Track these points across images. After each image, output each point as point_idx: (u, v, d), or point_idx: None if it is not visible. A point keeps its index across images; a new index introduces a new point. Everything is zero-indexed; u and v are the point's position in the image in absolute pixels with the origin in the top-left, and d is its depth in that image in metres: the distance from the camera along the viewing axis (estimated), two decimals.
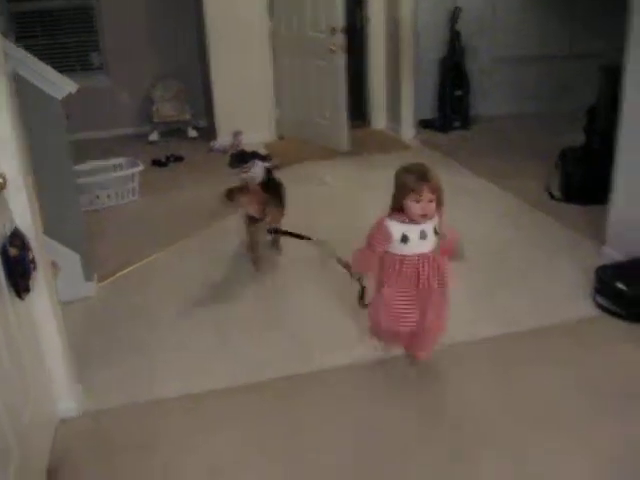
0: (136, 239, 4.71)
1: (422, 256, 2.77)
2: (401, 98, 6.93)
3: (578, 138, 5.26)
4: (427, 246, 2.77)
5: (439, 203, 2.71)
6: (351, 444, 2.63)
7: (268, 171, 4.42)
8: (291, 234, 3.98)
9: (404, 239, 2.73)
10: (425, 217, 2.70)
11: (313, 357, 3.20)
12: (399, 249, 2.77)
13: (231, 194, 3.75)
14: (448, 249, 2.84)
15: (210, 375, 3.10)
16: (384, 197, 2.82)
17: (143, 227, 4.97)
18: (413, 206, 2.67)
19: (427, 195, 2.64)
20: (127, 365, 3.21)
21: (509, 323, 3.42)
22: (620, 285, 3.46)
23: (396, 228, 2.74)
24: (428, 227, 2.74)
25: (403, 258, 2.78)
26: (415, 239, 2.73)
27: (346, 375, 3.07)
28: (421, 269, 2.77)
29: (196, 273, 4.14)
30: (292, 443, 2.66)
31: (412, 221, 2.71)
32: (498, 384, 2.97)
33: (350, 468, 2.51)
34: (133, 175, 5.49)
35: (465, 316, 3.42)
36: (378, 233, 2.78)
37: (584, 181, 4.97)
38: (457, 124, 7.38)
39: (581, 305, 3.57)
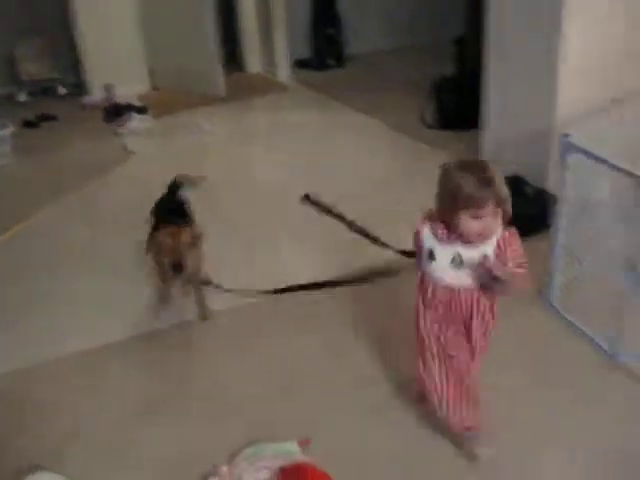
0: (13, 203, 4.53)
1: (453, 292, 2.04)
2: (274, 39, 6.86)
3: (452, 68, 5.42)
4: (464, 278, 2.01)
5: (504, 217, 1.94)
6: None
7: (172, 190, 3.37)
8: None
9: (430, 256, 2.03)
10: (483, 238, 1.94)
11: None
12: (427, 266, 2.06)
13: (180, 265, 2.83)
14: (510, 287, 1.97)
15: (106, 330, 3.08)
16: (267, 140, 2.77)
17: (20, 190, 4.78)
18: (469, 223, 1.90)
19: (490, 209, 1.89)
20: (20, 328, 3.15)
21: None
22: None
23: (426, 239, 2.04)
24: (470, 252, 1.96)
25: (436, 281, 2.06)
26: (443, 263, 2.00)
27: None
28: (453, 307, 2.06)
29: (78, 232, 4.05)
30: (188, 387, 2.72)
31: (451, 238, 1.98)
32: (392, 304, 3.09)
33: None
34: (3, 137, 5.25)
35: (358, 244, 3.60)
36: (416, 240, 2.10)
37: (457, 108, 5.14)
38: (332, 62, 7.40)
39: None
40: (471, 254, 1.95)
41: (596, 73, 3.56)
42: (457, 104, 5.13)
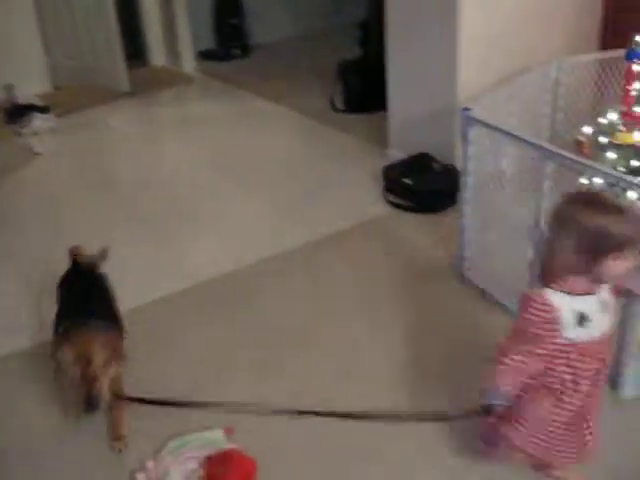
0: None
1: (604, 339, 1.78)
2: (177, 31, 6.76)
3: (358, 51, 5.48)
4: (610, 321, 1.78)
5: None
6: None
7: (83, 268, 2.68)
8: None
9: (582, 320, 1.72)
10: (621, 278, 1.75)
11: None
12: (569, 337, 1.73)
13: (92, 402, 2.21)
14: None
15: (15, 335, 2.98)
16: (175, 134, 2.70)
17: None
18: (613, 266, 1.65)
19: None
20: None
21: (312, 232, 3.58)
22: (406, 181, 3.72)
23: (565, 304, 1.71)
24: (606, 291, 1.78)
25: (574, 350, 1.74)
26: (597, 315, 1.73)
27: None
28: (603, 362, 1.80)
29: None
30: None
31: (587, 289, 1.72)
32: (309, 288, 3.16)
33: None
34: None
35: (273, 230, 3.66)
36: (539, 318, 1.71)
37: (363, 91, 5.20)
38: (237, 52, 7.33)
39: (374, 205, 3.82)
40: (606, 292, 1.78)
41: (494, 51, 3.67)
42: (363, 87, 5.19)
